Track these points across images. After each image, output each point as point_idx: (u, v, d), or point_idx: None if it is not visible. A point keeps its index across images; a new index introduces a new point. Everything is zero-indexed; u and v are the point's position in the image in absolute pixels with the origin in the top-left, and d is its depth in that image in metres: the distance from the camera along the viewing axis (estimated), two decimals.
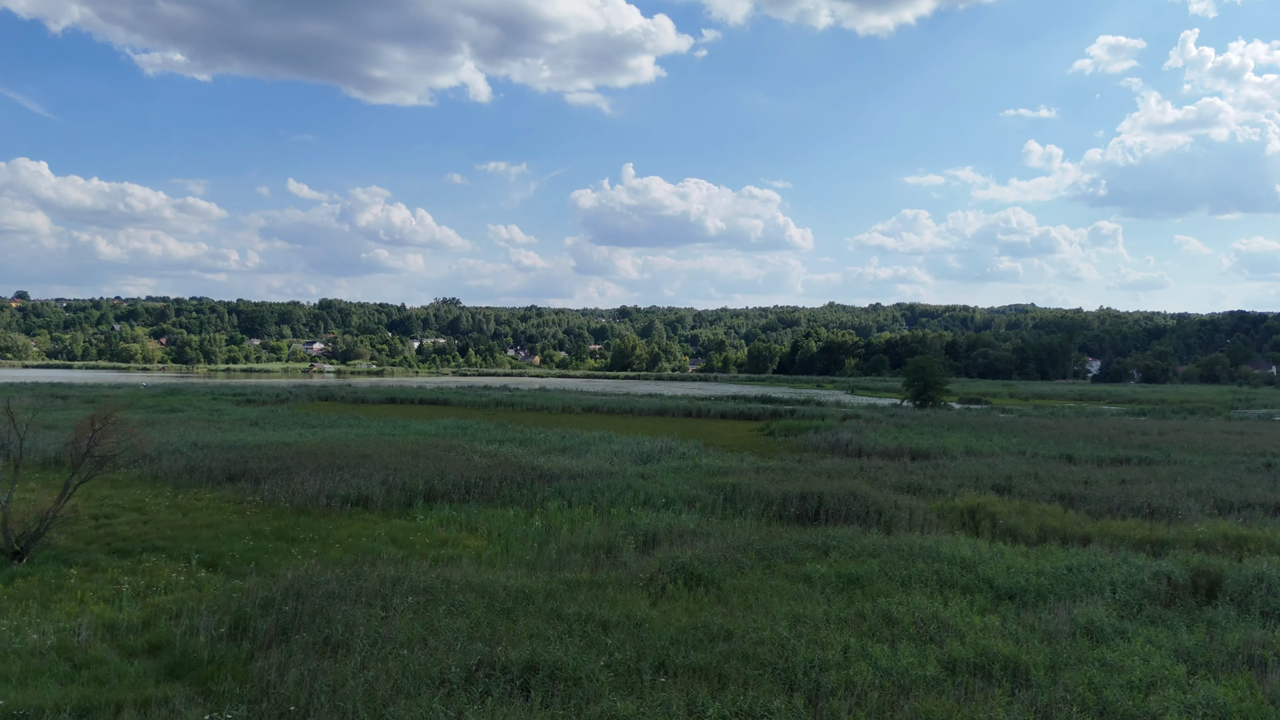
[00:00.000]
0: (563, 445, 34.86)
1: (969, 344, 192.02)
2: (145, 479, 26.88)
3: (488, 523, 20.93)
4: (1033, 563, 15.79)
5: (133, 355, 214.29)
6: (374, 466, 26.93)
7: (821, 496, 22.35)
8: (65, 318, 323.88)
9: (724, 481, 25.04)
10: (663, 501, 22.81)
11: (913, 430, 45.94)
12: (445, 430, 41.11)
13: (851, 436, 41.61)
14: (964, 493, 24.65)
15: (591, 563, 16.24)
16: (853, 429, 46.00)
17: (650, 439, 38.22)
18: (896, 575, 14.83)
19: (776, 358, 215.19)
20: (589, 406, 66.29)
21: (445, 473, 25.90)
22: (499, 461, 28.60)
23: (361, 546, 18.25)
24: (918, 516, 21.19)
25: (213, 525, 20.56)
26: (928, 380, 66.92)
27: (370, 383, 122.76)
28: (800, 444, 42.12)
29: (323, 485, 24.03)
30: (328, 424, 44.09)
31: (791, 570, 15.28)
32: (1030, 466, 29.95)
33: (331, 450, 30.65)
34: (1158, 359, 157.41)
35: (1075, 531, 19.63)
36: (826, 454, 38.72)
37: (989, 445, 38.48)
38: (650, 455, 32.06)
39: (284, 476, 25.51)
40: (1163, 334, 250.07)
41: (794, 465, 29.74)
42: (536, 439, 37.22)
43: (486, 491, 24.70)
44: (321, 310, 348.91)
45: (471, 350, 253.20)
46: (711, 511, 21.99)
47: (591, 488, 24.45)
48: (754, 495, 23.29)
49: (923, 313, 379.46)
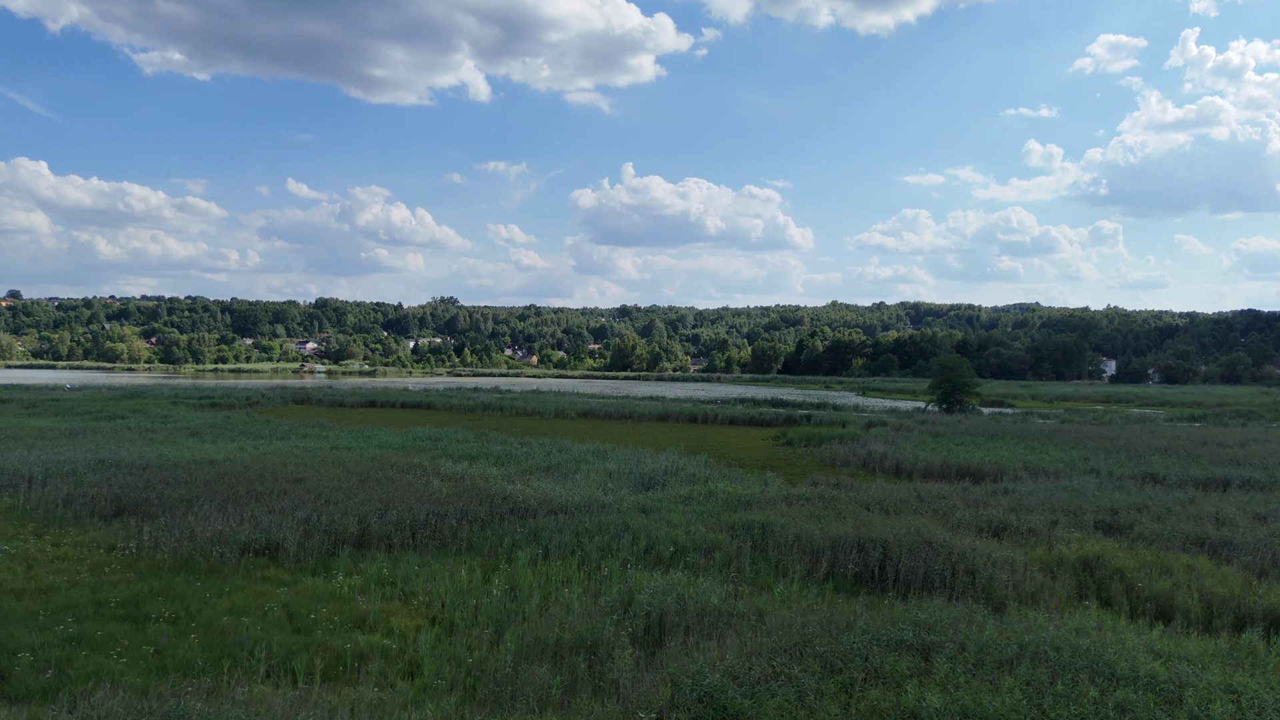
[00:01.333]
0: (547, 463, 29.07)
1: (980, 343, 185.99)
2: (11, 513, 21.12)
3: (430, 584, 15.17)
4: (1262, 681, 10.01)
5: (119, 355, 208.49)
6: (304, 496, 21.19)
7: (885, 545, 16.57)
8: (56, 317, 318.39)
9: (749, 519, 19.25)
10: (670, 550, 17.05)
11: (951, 440, 40.19)
12: (414, 442, 35.33)
13: (885, 449, 35.85)
14: (1061, 532, 18.90)
15: (564, 680, 10.45)
16: (883, 439, 40.24)
17: (652, 454, 32.45)
18: (1061, 717, 9.03)
19: (781, 357, 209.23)
20: (584, 411, 60.52)
21: (391, 504, 20.15)
22: (463, 488, 22.82)
23: (237, 634, 12.49)
24: (1019, 574, 15.40)
25: (48, 591, 14.79)
26: (955, 382, 60.97)
27: (355, 384, 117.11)
28: (825, 457, 36.36)
29: (226, 524, 18.30)
30: (281, 434, 38.31)
31: (883, 701, 9.49)
32: (1123, 493, 24.16)
33: (261, 472, 24.90)
34: (1179, 358, 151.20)
35: (1256, 604, 13.88)
36: (858, 470, 33.02)
37: (1048, 460, 32.74)
38: (653, 477, 26.28)
39: (184, 510, 19.81)
40: (1175, 333, 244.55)
41: (831, 491, 23.95)
42: (517, 455, 31.41)
43: (440, 533, 18.93)
44: (317, 309, 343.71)
45: (467, 350, 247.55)
46: (738, 568, 16.20)
47: (577, 529, 18.68)
48: (792, 540, 17.52)
49: (927, 311, 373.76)
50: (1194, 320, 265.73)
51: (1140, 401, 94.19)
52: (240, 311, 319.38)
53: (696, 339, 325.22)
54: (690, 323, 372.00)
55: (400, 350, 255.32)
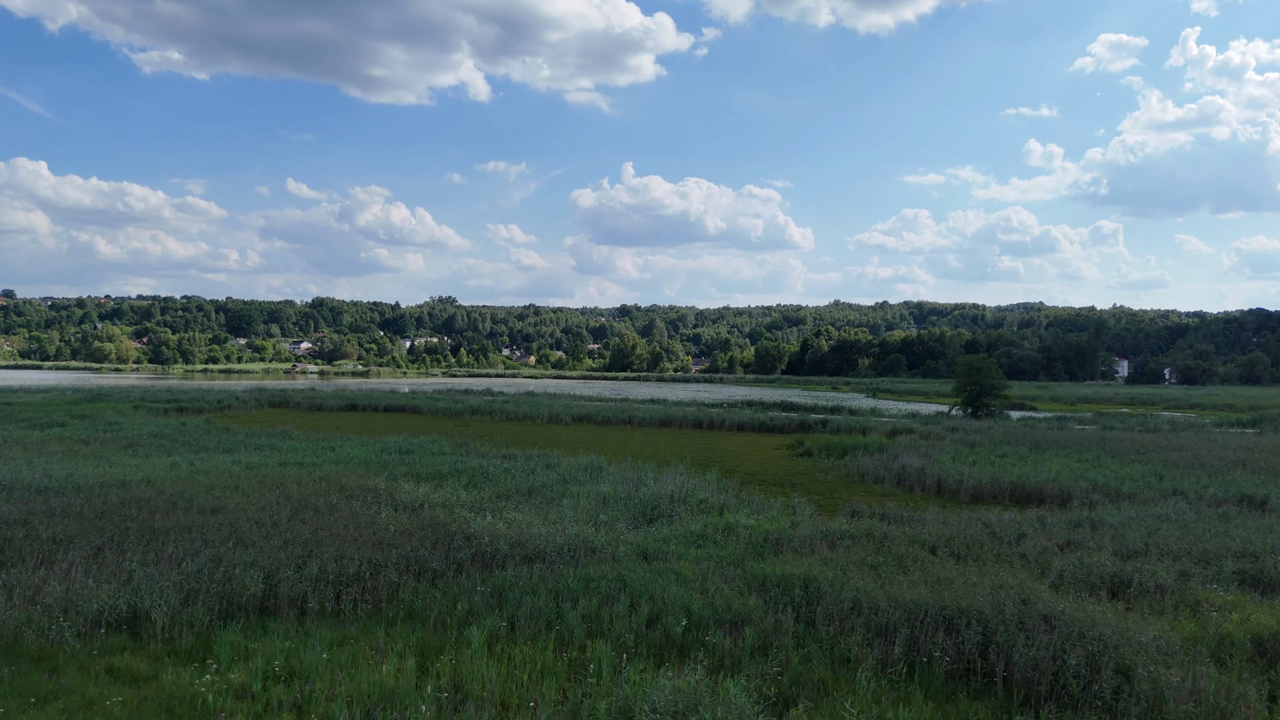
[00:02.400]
0: (530, 484, 24.37)
1: (990, 343, 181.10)
2: None
3: (340, 682, 10.52)
4: None
5: (106, 355, 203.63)
6: (214, 533, 16.55)
7: (984, 620, 11.88)
8: (48, 316, 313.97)
9: (784, 572, 14.55)
10: (683, 624, 12.38)
11: (989, 451, 35.55)
12: (380, 456, 30.66)
13: (920, 463, 31.20)
14: (1199, 589, 14.24)
15: None
16: (915, 450, 35.58)
17: (655, 470, 27.78)
18: None
19: (785, 357, 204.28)
20: (580, 415, 55.83)
21: (318, 549, 15.47)
22: (419, 522, 18.11)
23: None
24: (1175, 665, 10.73)
25: None
26: (982, 383, 56.18)
27: (344, 385, 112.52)
28: (852, 472, 31.73)
29: (86, 581, 13.64)
30: (230, 446, 33.62)
31: None
32: (1242, 527, 19.48)
33: (175, 499, 20.25)
34: (1197, 358, 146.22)
35: None
36: (893, 489, 28.44)
37: (1114, 478, 28.04)
38: (656, 505, 21.56)
39: (48, 556, 15.16)
40: (1185, 332, 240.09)
41: (879, 525, 19.25)
42: (495, 472, 26.70)
43: (373, 592, 14.24)
44: (313, 309, 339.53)
45: (463, 350, 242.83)
46: (779, 656, 11.51)
47: (557, 586, 14.00)
48: (849, 608, 12.85)
49: (931, 311, 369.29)
50: (1203, 320, 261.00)
51: (1166, 403, 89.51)
52: (235, 311, 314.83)
53: (698, 339, 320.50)
54: (691, 322, 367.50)
55: (396, 350, 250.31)
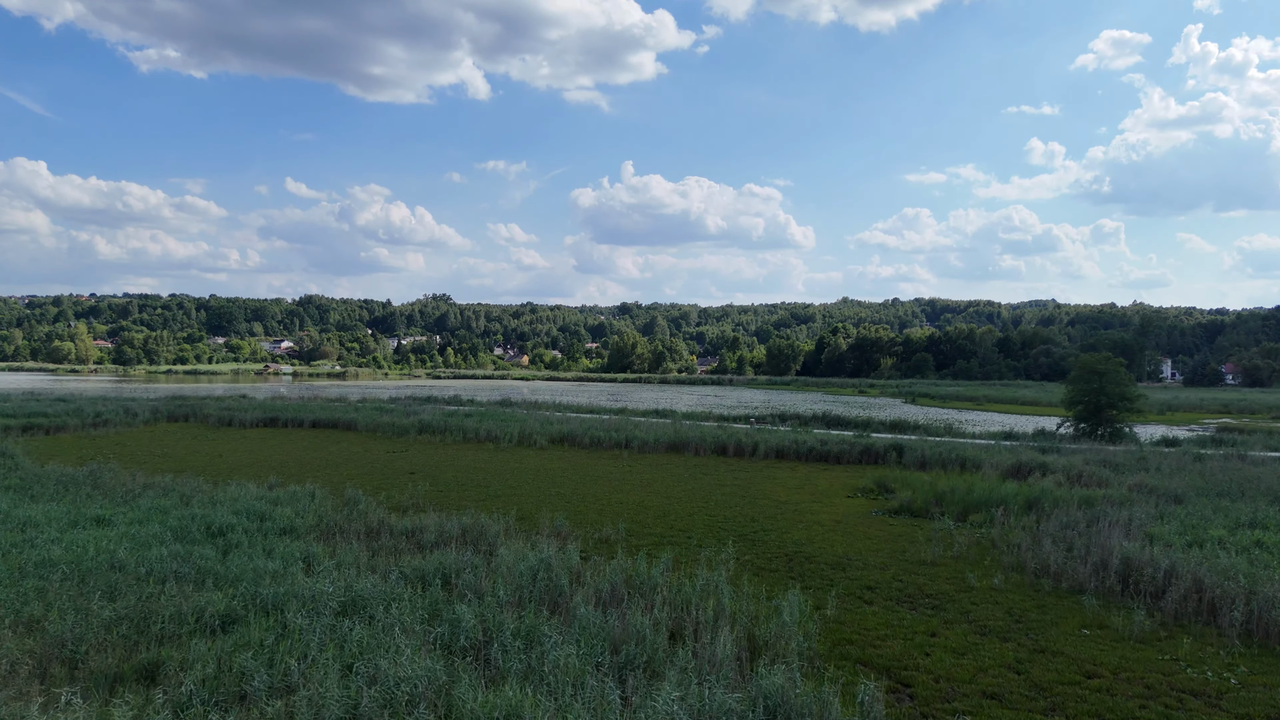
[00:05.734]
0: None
1: (1023, 341, 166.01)
2: None
3: None
4: None
5: (65, 355, 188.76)
6: None
7: None
8: (21, 314, 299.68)
9: None
10: None
11: (1207, 507, 21.07)
12: (135, 554, 15.93)
13: (1145, 550, 16.59)
14: None
15: None
16: (1115, 520, 20.89)
17: (675, 574, 12.98)
18: None
19: (800, 357, 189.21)
20: (560, 436, 41.08)
21: None
22: None
23: None
24: None
25: None
26: (1110, 392, 41.40)
27: (305, 389, 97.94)
28: (1010, 558, 17.11)
29: None
30: None
31: None
32: None
33: None
34: (1267, 357, 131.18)
35: None
36: (1117, 604, 13.79)
37: None
38: None
39: None
40: (1222, 329, 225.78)
41: None
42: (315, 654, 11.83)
43: None
44: (299, 307, 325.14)
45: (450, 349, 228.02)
46: None
47: None
48: None
49: (944, 308, 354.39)
50: (1239, 317, 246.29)
51: (1271, 412, 74.83)
52: (216, 309, 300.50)
53: (701, 337, 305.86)
54: (694, 320, 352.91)
55: (379, 349, 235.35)
